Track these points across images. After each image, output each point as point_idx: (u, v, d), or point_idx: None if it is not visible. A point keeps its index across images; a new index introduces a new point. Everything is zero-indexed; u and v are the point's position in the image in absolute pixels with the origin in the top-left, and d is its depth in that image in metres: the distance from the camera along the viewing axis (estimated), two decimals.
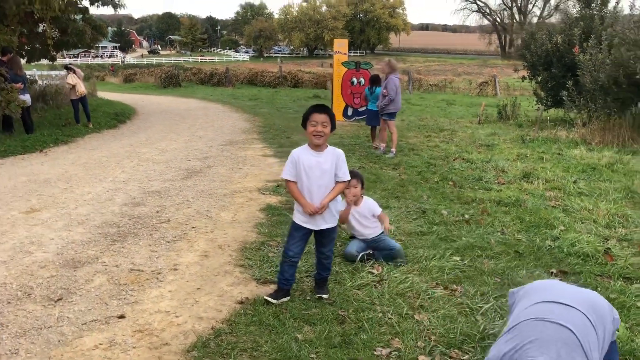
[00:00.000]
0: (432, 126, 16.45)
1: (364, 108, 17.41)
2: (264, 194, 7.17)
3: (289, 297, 3.94)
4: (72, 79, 14.79)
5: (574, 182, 8.06)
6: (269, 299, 3.86)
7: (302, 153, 3.80)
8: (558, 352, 2.29)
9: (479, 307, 3.82)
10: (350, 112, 17.06)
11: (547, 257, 4.83)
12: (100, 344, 3.30)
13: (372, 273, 4.39)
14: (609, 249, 5.02)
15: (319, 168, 3.74)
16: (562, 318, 2.43)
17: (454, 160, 10.22)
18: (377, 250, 4.74)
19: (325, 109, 3.79)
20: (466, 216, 6.21)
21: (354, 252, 4.63)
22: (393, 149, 10.78)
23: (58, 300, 3.92)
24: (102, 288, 4.14)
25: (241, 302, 3.87)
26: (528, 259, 4.80)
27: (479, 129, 15.68)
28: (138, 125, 16.76)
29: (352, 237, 4.91)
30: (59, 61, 49.79)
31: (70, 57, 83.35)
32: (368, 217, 4.79)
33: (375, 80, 12.17)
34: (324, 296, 3.95)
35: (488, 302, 3.90)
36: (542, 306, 2.55)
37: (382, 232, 4.85)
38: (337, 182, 3.83)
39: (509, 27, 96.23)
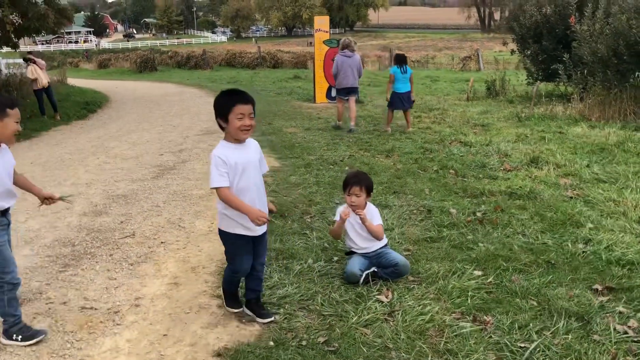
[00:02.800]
0: (420, 105, 15.61)
1: None
2: None
3: None
4: (32, 72, 13.69)
5: (587, 166, 7.31)
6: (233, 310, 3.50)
7: (228, 152, 3.16)
8: None
9: (521, 347, 3.03)
10: (334, 93, 16.13)
11: (585, 268, 4.05)
12: None
13: (381, 301, 3.57)
14: None
15: (251, 165, 3.22)
16: None
17: (450, 144, 9.43)
18: (381, 266, 3.92)
19: (249, 97, 3.20)
20: (478, 214, 5.41)
21: (356, 271, 3.81)
22: (338, 122, 11.00)
23: None
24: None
25: (219, 355, 3.04)
26: (563, 271, 4.01)
27: (469, 107, 14.92)
28: (109, 115, 15.72)
29: (350, 252, 4.07)
30: (30, 47, 48.02)
31: (42, 44, 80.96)
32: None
33: (402, 59, 10.87)
34: (271, 319, 3.38)
35: (530, 338, 3.11)
36: None
37: (386, 245, 4.03)
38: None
39: (488, 0, 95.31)
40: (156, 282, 4.00)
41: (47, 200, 3.59)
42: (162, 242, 4.83)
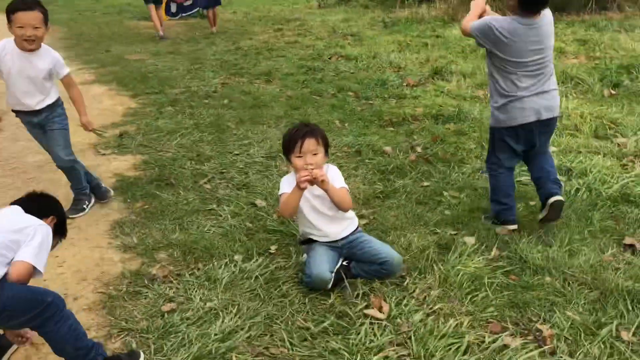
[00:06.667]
0: (275, 17, 14.11)
1: (189, 2, 14.49)
2: (104, 154, 4.60)
3: None
4: None
5: None
6: None
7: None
8: None
9: None
10: (174, 8, 14.00)
11: (597, 215, 3.18)
12: None
13: (377, 320, 2.36)
14: None
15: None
16: None
17: (330, 59, 8.22)
18: (356, 260, 2.69)
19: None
20: (418, 150, 4.34)
21: (325, 274, 2.52)
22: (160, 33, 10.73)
23: None
24: None
25: None
26: (578, 225, 3.09)
27: (326, 15, 13.75)
28: None
29: (306, 241, 2.76)
30: None
31: None
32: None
33: None
34: None
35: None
36: None
37: (358, 228, 2.78)
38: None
39: None
40: None
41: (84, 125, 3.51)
42: None
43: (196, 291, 2.61)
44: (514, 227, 3.01)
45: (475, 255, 2.79)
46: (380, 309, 2.41)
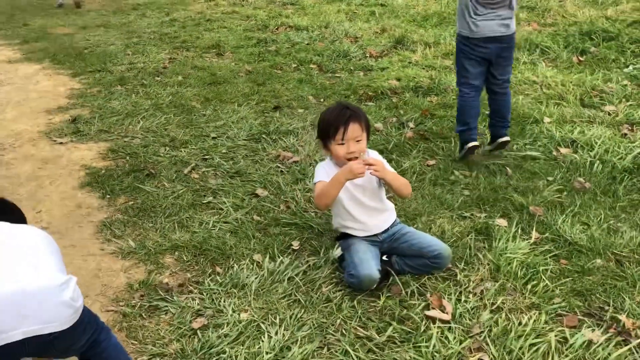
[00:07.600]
0: None
1: None
2: (60, 142, 4.05)
3: None
4: None
5: None
6: None
7: None
8: None
9: None
10: None
11: (623, 188, 3.08)
12: None
13: (443, 323, 2.13)
14: None
15: None
16: None
17: (277, 29, 7.81)
18: (398, 254, 2.43)
19: None
20: (410, 125, 4.12)
21: (374, 272, 2.25)
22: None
23: None
24: None
25: None
26: (609, 200, 2.98)
27: None
28: None
29: (343, 236, 2.47)
30: None
31: None
32: (376, 191, 2.39)
33: None
34: None
35: None
36: None
37: (396, 219, 2.51)
38: None
39: None
40: None
41: None
42: None
43: (224, 301, 2.27)
44: (475, 143, 3.38)
45: (516, 240, 2.61)
46: (442, 309, 2.18)
